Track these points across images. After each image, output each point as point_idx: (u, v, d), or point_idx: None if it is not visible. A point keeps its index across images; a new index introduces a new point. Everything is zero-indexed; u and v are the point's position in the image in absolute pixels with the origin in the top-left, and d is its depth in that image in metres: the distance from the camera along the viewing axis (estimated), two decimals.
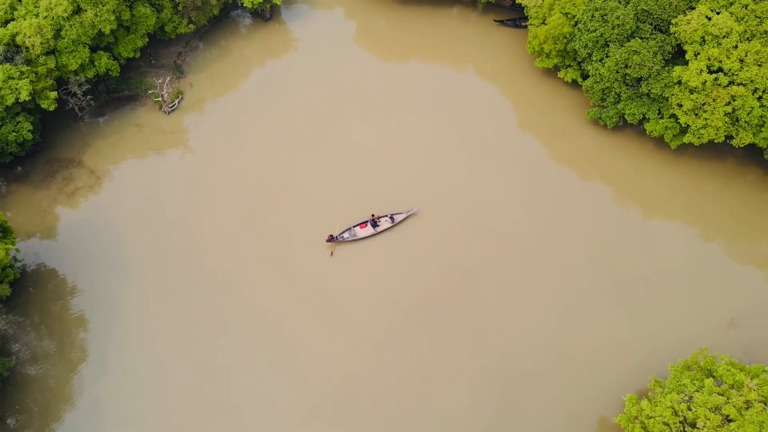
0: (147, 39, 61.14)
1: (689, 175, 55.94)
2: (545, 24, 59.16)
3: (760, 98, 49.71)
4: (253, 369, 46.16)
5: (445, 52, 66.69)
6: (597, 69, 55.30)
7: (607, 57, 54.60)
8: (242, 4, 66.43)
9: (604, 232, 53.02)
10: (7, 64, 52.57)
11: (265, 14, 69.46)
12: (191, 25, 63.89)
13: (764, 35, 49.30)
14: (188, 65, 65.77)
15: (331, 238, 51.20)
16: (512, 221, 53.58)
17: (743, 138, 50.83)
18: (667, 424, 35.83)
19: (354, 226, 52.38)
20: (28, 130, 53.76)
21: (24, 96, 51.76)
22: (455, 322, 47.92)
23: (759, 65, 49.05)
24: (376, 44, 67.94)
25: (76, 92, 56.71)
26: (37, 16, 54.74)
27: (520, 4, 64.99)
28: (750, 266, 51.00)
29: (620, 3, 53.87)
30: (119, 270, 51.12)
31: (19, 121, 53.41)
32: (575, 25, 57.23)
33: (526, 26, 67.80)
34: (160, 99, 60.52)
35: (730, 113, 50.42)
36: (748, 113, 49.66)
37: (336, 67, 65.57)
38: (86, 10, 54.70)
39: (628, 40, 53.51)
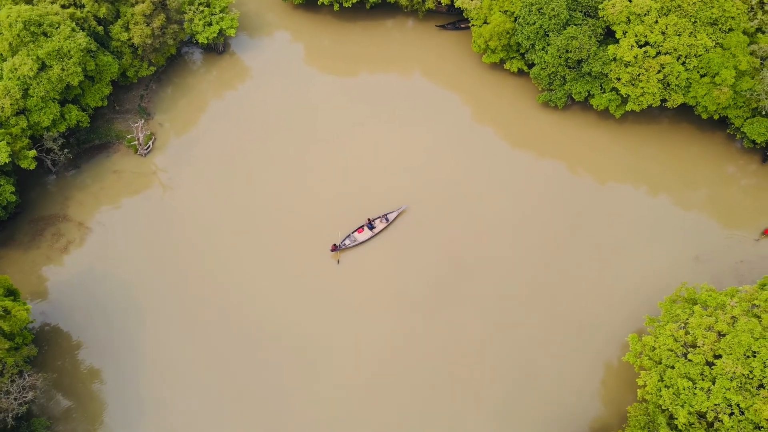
0: (111, 86, 61.81)
1: (634, 138, 62.96)
2: (487, 23, 64.79)
3: (684, 63, 57.16)
4: (288, 387, 48.29)
5: (396, 60, 71.15)
6: (541, 57, 61.39)
7: (548, 45, 60.75)
8: (196, 41, 68.18)
9: (573, 200, 58.88)
10: None
11: (218, 48, 71.43)
12: (152, 68, 65.06)
13: (678, 9, 56.81)
14: (153, 107, 66.73)
15: (335, 247, 54.13)
16: (492, 204, 58.46)
17: (675, 99, 58.17)
18: (671, 350, 41.31)
19: (353, 232, 55.54)
20: (11, 192, 53.44)
21: (3, 159, 51.57)
22: (464, 302, 52.08)
23: (678, 35, 56.51)
24: (330, 61, 71.39)
25: (53, 148, 56.70)
26: (1, 78, 54.56)
27: (458, 8, 70.75)
28: (698, 209, 58.30)
29: None
30: (129, 314, 51.80)
31: (1, 184, 53.00)
32: (515, 20, 63.17)
33: (465, 27, 73.59)
34: (135, 143, 61.28)
35: (661, 80, 57.61)
36: (677, 77, 57.00)
37: (297, 87, 68.48)
38: (52, 66, 55.07)
39: (565, 28, 59.93)
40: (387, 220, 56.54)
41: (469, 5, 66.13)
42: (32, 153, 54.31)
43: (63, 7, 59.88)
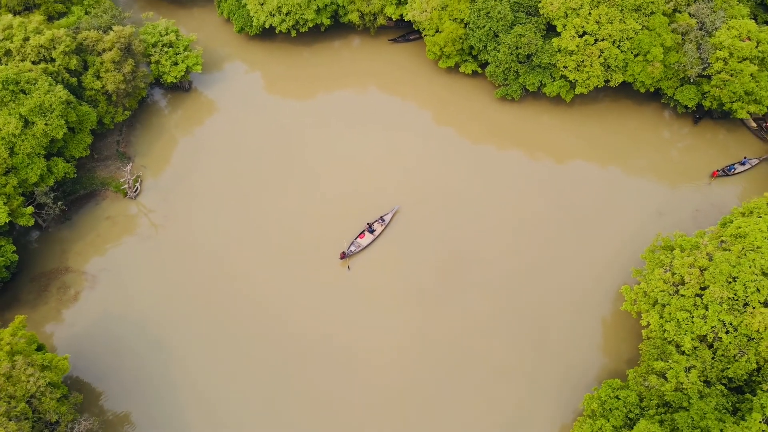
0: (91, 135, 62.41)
1: (584, 118, 70.16)
2: (440, 32, 70.41)
3: (619, 46, 64.80)
4: (330, 394, 50.90)
5: (357, 76, 75.48)
6: (495, 56, 67.58)
7: (499, 45, 66.99)
8: (164, 81, 69.66)
9: (545, 181, 64.96)
10: None
11: (185, 85, 73.19)
12: (127, 112, 66.11)
13: (607, 2, 64.50)
14: (132, 150, 67.58)
15: (343, 255, 57.38)
16: (474, 195, 63.55)
17: (617, 79, 65.74)
18: (663, 291, 47.47)
19: (355, 238, 58.97)
20: (13, 252, 53.25)
21: (3, 219, 51.55)
22: (469, 286, 56.56)
23: (610, 23, 64.14)
24: (295, 84, 74.68)
25: (46, 202, 56.74)
26: None
27: (406, 21, 76.22)
28: (650, 171, 65.82)
29: (497, 0, 66.64)
30: (153, 347, 52.74)
31: (2, 245, 52.74)
32: (465, 26, 69.13)
33: (414, 39, 79.10)
34: (125, 186, 62.05)
35: (603, 63, 65.02)
36: (615, 59, 64.55)
37: (269, 114, 71.37)
38: (35, 122, 55.44)
39: (512, 28, 66.40)
40: (384, 221, 60.42)
41: (420, 17, 71.56)
42: (29, 210, 54.41)
43: (34, 63, 60.16)
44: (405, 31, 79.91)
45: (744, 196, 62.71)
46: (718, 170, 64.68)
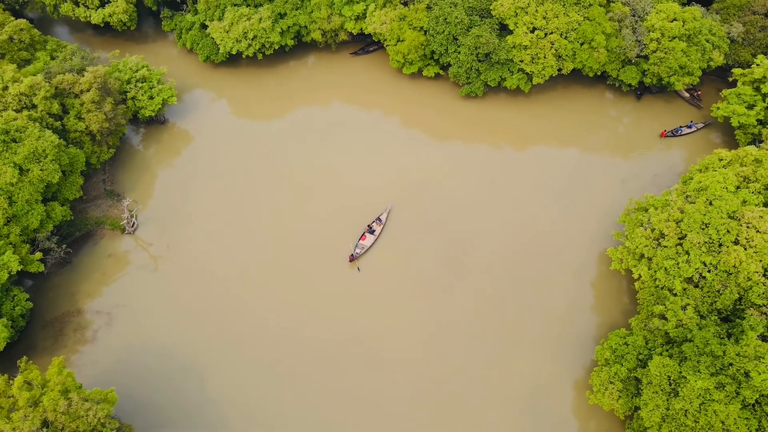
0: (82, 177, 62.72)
1: (542, 105, 76.50)
2: (402, 41, 75.11)
3: (566, 37, 71.59)
4: (367, 393, 53.82)
5: (325, 89, 78.91)
6: (456, 57, 72.92)
7: (459, 47, 72.40)
8: (142, 116, 70.55)
9: (518, 165, 70.65)
10: None
11: (160, 118, 74.25)
12: (111, 150, 66.68)
13: None
14: (119, 187, 68.09)
15: (352, 258, 60.58)
16: (458, 186, 68.28)
17: (568, 67, 72.48)
18: (647, 246, 53.62)
19: (358, 241, 62.28)
20: (26, 300, 53.16)
21: (15, 268, 51.54)
22: (472, 267, 61.07)
23: (556, 17, 70.84)
24: (266, 104, 77.28)
25: (50, 247, 56.78)
26: None
27: (364, 35, 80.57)
28: (606, 145, 72.74)
29: (452, 6, 72.08)
30: (187, 370, 54.01)
31: (15, 294, 52.57)
32: (425, 33, 74.15)
33: (374, 50, 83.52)
34: (124, 222, 62.68)
35: (555, 54, 71.62)
36: (564, 49, 71.29)
37: (250, 135, 73.77)
38: (30, 169, 55.57)
39: (469, 31, 71.99)
40: (381, 221, 64.09)
41: (381, 29, 76.04)
42: (38, 255, 54.49)
43: (17, 111, 60.03)
44: (364, 44, 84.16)
45: (692, 156, 70.68)
46: (666, 131, 72.72)
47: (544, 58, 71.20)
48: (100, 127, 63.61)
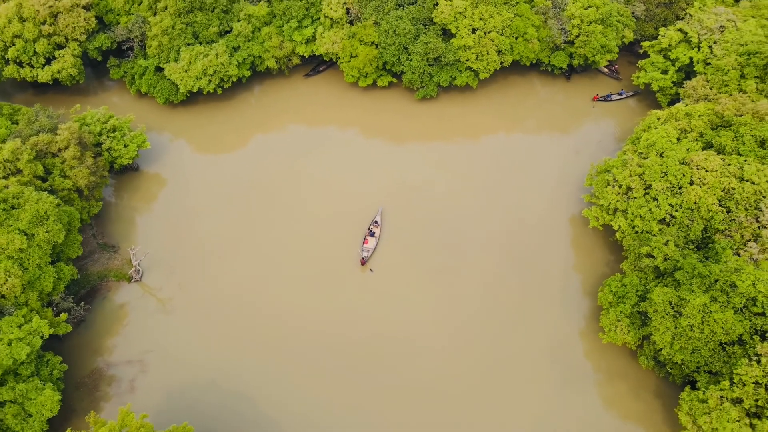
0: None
1: (490, 98, 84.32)
2: (355, 57, 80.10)
3: (503, 34, 79.79)
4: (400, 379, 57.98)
5: (288, 113, 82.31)
6: (409, 65, 79.03)
7: (410, 55, 78.55)
8: (118, 165, 70.46)
9: (481, 153, 77.70)
10: (7, 316, 50.56)
11: (134, 165, 74.30)
12: (99, 203, 66.36)
13: (483, 2, 79.12)
14: (112, 239, 67.83)
15: (363, 261, 64.64)
16: (435, 180, 74.19)
17: (508, 59, 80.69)
18: (618, 200, 61.99)
19: (363, 245, 66.43)
20: (60, 362, 52.64)
21: (47, 332, 51.08)
22: (471, 249, 67.08)
23: (491, 17, 78.89)
24: (233, 135, 79.36)
25: (70, 306, 56.27)
26: None
27: (314, 56, 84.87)
28: (550, 123, 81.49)
29: (398, 19, 78.15)
30: (239, 394, 55.91)
31: (48, 359, 51.96)
32: (376, 47, 79.65)
33: (324, 69, 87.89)
34: (132, 271, 62.79)
35: (496, 50, 79.56)
36: (503, 45, 79.42)
37: (225, 166, 75.75)
38: (36, 233, 54.96)
39: (417, 39, 78.38)
40: (378, 223, 68.64)
41: (333, 48, 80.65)
42: (64, 317, 54.04)
43: (4, 178, 58.74)
44: (313, 65, 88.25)
45: (623, 122, 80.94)
46: (598, 96, 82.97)
47: (487, 54, 78.99)
48: (87, 182, 63.37)
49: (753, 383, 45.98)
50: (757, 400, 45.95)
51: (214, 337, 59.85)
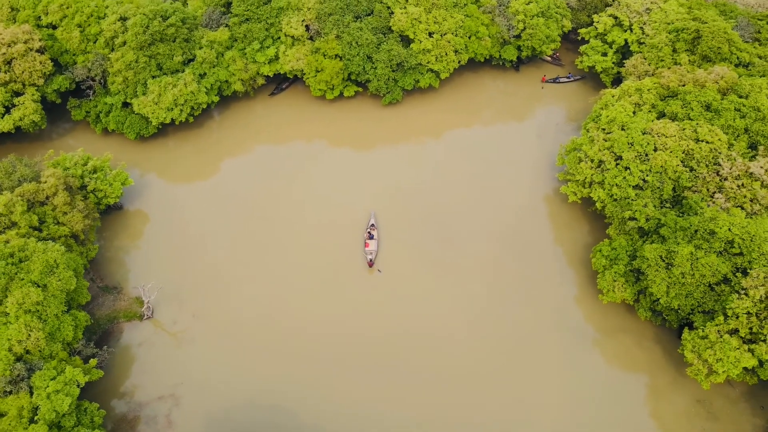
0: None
1: (451, 95, 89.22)
2: (320, 71, 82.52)
3: (457, 34, 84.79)
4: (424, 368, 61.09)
5: (261, 134, 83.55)
6: (374, 73, 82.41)
7: (375, 63, 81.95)
8: (104, 205, 69.23)
9: (454, 148, 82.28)
10: (38, 371, 49.37)
11: (118, 204, 73.09)
12: (96, 246, 65.17)
13: (434, 6, 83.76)
14: (113, 281, 66.70)
15: (371, 263, 67.29)
16: (419, 178, 77.94)
17: (464, 58, 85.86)
18: (593, 173, 68.10)
19: (365, 249, 69.10)
20: (98, 408, 51.90)
21: (82, 380, 50.39)
22: (467, 238, 71.29)
23: (445, 20, 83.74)
24: (206, 164, 79.58)
25: (94, 352, 55.43)
26: (10, 322, 51.21)
27: (278, 75, 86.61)
28: (509, 110, 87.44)
29: (359, 30, 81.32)
30: (282, 412, 56.88)
31: (86, 407, 51.14)
32: (341, 59, 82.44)
33: (287, 87, 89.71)
34: (144, 309, 62.23)
35: (453, 50, 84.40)
36: (459, 45, 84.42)
37: (208, 192, 76.25)
38: (49, 283, 53.79)
39: (379, 47, 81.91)
40: (374, 225, 71.51)
41: (297, 65, 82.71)
42: (93, 362, 53.45)
43: (1, 233, 56.76)
44: (276, 84, 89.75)
45: (575, 103, 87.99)
46: (546, 78, 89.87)
47: (446, 55, 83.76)
48: (83, 226, 62.23)
49: (745, 314, 52.69)
50: (751, 328, 52.72)
51: (240, 357, 60.54)
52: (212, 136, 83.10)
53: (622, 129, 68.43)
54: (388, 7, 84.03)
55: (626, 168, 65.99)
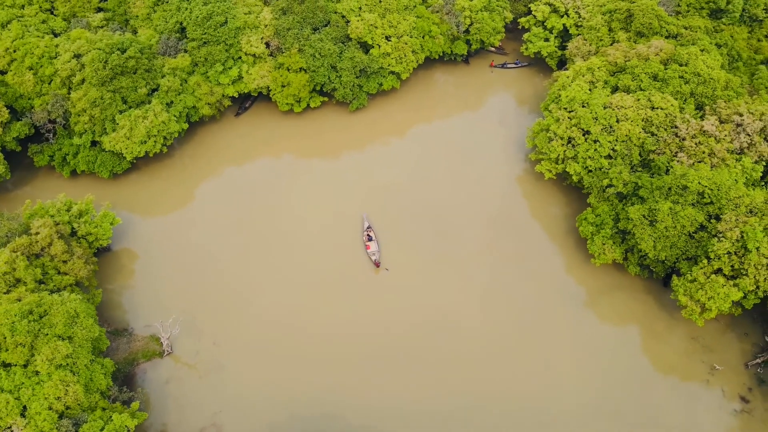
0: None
1: (415, 93, 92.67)
2: (286, 86, 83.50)
3: (412, 36, 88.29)
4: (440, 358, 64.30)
5: (232, 156, 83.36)
6: (339, 81, 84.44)
7: (339, 72, 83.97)
8: (96, 248, 67.19)
9: (425, 142, 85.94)
10: (84, 425, 48.19)
11: (107, 247, 70.97)
12: (99, 291, 63.36)
13: (387, 10, 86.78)
14: (118, 324, 65.17)
15: (377, 264, 69.59)
16: (403, 176, 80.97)
17: (421, 57, 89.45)
18: (565, 149, 73.78)
19: (367, 250, 71.34)
20: None
21: (131, 425, 49.56)
22: (460, 226, 75.10)
23: (399, 23, 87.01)
24: (186, 190, 79.12)
25: (131, 395, 54.34)
26: (43, 381, 49.42)
27: (242, 95, 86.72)
28: (472, 101, 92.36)
29: (321, 42, 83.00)
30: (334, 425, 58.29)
31: None
32: (306, 72, 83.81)
33: (250, 105, 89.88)
34: (164, 345, 61.31)
35: (410, 51, 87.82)
36: (415, 45, 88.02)
37: (197, 222, 75.86)
38: (74, 334, 52.25)
39: (341, 56, 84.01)
40: (370, 227, 73.85)
41: (262, 82, 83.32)
42: (136, 405, 52.72)
43: (6, 292, 54.26)
44: (239, 103, 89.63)
45: (527, 87, 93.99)
46: (494, 63, 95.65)
47: (405, 56, 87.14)
48: (87, 273, 60.42)
49: (726, 254, 59.75)
50: (732, 266, 59.86)
51: (272, 373, 61.22)
52: (185, 164, 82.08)
53: (584, 106, 74.59)
54: (344, 17, 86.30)
55: (595, 141, 72.12)
